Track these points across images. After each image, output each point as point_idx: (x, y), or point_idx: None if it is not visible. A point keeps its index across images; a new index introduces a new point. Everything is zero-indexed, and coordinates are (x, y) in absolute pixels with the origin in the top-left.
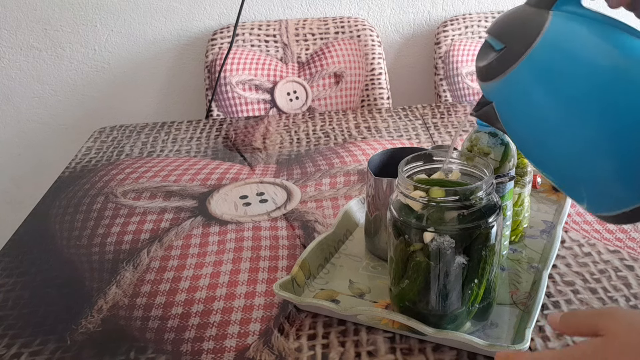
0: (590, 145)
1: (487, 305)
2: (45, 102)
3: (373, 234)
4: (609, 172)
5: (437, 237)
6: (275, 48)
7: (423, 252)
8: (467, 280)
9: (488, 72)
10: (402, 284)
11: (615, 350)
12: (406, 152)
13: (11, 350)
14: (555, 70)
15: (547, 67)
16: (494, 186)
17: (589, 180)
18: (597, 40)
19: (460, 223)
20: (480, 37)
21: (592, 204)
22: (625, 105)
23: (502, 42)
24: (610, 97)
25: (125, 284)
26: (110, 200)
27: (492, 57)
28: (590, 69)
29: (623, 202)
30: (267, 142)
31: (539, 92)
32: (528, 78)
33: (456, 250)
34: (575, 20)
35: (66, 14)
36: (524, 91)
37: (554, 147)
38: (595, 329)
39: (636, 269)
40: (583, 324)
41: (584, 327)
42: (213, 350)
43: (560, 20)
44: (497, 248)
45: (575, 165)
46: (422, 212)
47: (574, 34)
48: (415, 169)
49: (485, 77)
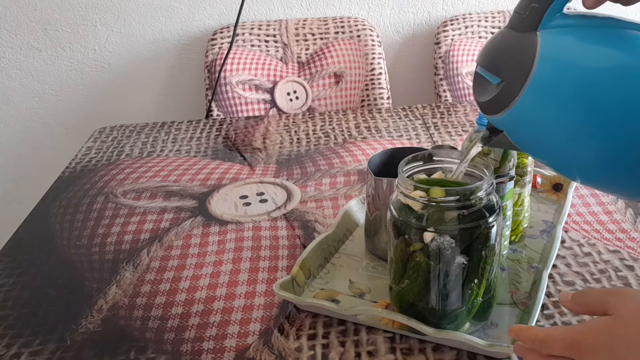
0: (614, 144)
1: (487, 305)
2: (45, 102)
3: (373, 234)
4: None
5: (437, 237)
6: (275, 48)
7: (423, 252)
8: (467, 280)
9: (492, 107)
10: (402, 284)
11: (624, 328)
12: (406, 152)
13: (11, 350)
14: (558, 88)
15: (550, 88)
16: (494, 186)
17: (621, 174)
18: (590, 47)
19: (460, 223)
20: (480, 37)
21: (625, 195)
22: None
23: (498, 77)
24: (621, 95)
25: (125, 283)
26: (110, 200)
27: (492, 92)
28: (591, 76)
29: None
30: (267, 142)
31: (549, 113)
32: (534, 104)
33: (456, 250)
34: (563, 34)
35: (66, 14)
36: (533, 116)
37: (573, 154)
38: (605, 308)
39: (636, 269)
40: (593, 302)
41: (594, 305)
42: (213, 350)
43: (549, 39)
44: (497, 248)
45: (605, 164)
46: (422, 212)
47: (566, 49)
48: (415, 169)
49: (490, 111)
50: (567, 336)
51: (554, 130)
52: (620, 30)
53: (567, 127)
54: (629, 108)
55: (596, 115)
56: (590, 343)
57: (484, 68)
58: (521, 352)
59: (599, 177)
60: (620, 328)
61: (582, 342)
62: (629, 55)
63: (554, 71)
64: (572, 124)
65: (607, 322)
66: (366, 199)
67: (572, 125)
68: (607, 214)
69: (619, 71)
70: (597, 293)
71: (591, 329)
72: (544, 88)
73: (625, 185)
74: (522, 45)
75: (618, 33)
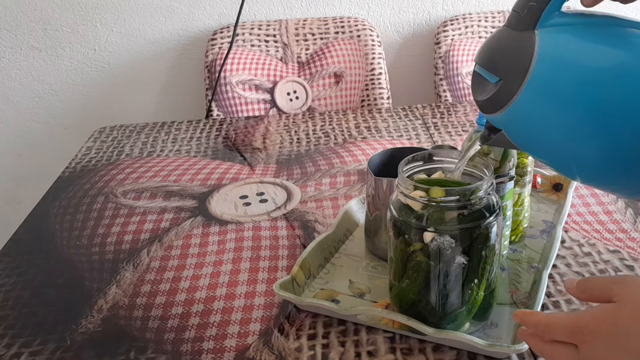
0: (613, 143)
1: (487, 305)
2: (45, 102)
3: (373, 233)
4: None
5: (437, 237)
6: (275, 48)
7: (423, 252)
8: (467, 280)
9: (490, 106)
10: (402, 284)
11: (626, 316)
12: (406, 152)
13: (11, 350)
14: (557, 87)
15: (548, 86)
16: (494, 186)
17: (622, 174)
18: (589, 45)
19: (460, 223)
20: (480, 37)
21: (624, 194)
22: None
23: (497, 75)
24: (620, 93)
25: (125, 283)
26: (110, 200)
27: (491, 91)
28: (590, 74)
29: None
30: (267, 142)
31: (547, 111)
32: (532, 102)
33: (456, 250)
34: (562, 32)
35: (66, 14)
36: (531, 114)
37: (572, 153)
38: (609, 295)
39: (636, 268)
40: (597, 289)
41: (598, 292)
42: (213, 350)
43: (547, 37)
44: (497, 248)
45: (605, 162)
46: (422, 212)
47: (564, 47)
48: (415, 169)
49: (488, 110)
50: (570, 322)
51: (552, 128)
52: (620, 28)
53: (566, 126)
54: (628, 106)
55: (595, 114)
56: (593, 329)
57: (482, 67)
58: (524, 337)
59: (598, 176)
60: (623, 315)
61: (584, 329)
62: (628, 54)
63: (552, 69)
64: (571, 123)
65: (610, 310)
66: (366, 198)
67: (570, 123)
68: (607, 214)
69: (618, 69)
70: (602, 281)
71: (594, 316)
72: (543, 86)
73: (625, 184)
74: (520, 44)
75: (617, 31)
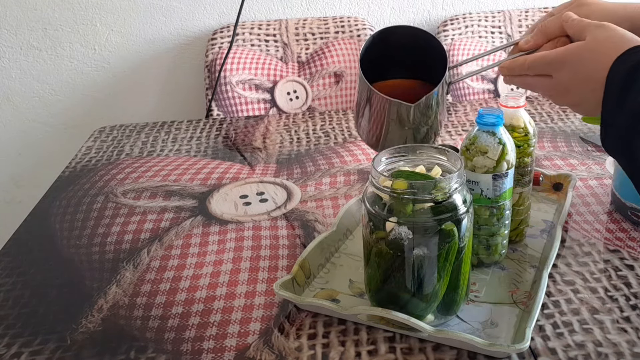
0: None
1: (450, 301)
2: (46, 102)
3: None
4: None
5: (396, 227)
6: (275, 48)
7: (385, 241)
8: (427, 273)
9: None
10: (368, 269)
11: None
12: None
13: (11, 349)
14: None
15: None
16: (462, 183)
17: None
18: None
19: (417, 216)
20: (480, 36)
21: None
22: None
23: None
24: None
25: (126, 283)
26: (111, 199)
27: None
28: None
29: None
30: (267, 142)
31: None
32: None
33: (415, 242)
34: None
35: (66, 14)
36: None
37: None
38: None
39: (636, 268)
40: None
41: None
42: (213, 349)
43: None
44: (462, 245)
45: None
46: (391, 202)
47: None
48: (400, 160)
49: None
50: (547, 55)
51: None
52: None
53: None
54: None
55: None
56: (561, 60)
57: None
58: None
59: None
60: (586, 49)
61: (555, 59)
62: None
63: None
64: None
65: (578, 45)
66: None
67: None
68: (607, 214)
69: None
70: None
71: (566, 49)
72: None
73: None
74: None
75: None
